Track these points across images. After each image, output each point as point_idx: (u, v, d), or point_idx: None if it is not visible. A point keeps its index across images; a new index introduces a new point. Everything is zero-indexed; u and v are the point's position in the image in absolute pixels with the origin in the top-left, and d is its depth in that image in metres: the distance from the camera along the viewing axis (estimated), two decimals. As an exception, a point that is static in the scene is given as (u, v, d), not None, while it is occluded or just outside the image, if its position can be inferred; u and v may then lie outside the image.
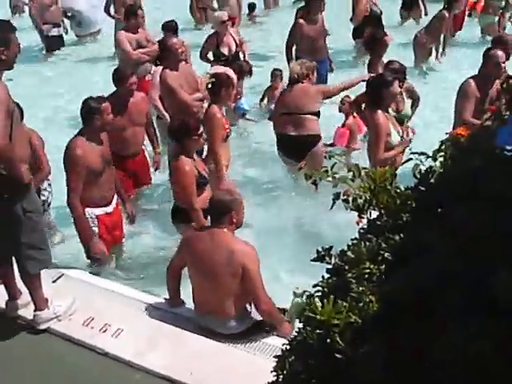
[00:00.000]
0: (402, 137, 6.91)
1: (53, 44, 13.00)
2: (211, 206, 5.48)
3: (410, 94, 7.88)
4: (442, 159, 2.77)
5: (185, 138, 6.25)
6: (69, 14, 13.30)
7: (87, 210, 6.33)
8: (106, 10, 12.57)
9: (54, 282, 6.10)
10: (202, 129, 6.37)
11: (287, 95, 7.90)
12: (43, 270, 5.53)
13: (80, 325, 5.56)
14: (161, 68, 7.89)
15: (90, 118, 6.26)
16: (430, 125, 9.09)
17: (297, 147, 7.64)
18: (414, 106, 7.99)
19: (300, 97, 7.75)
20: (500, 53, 7.01)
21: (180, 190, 6.32)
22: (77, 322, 5.59)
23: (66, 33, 13.35)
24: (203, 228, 5.71)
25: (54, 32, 12.91)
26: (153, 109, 8.22)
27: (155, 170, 7.93)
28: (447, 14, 11.64)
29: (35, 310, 5.56)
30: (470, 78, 7.18)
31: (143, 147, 7.75)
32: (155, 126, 8.05)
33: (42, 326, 5.57)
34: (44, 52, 13.18)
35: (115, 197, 6.68)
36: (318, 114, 7.84)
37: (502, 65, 6.99)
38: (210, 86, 7.19)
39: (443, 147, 2.76)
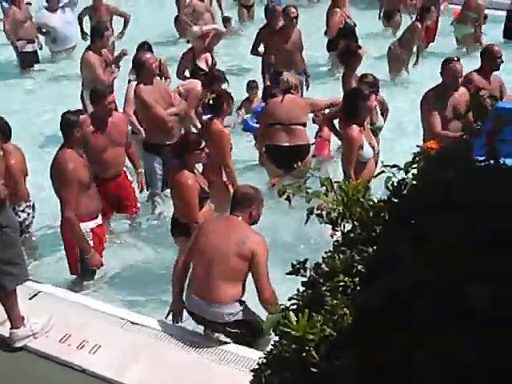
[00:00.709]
0: (374, 149, 6.98)
1: (27, 60, 12.91)
2: (235, 196, 5.67)
3: (381, 105, 7.94)
4: (414, 171, 2.81)
5: (185, 153, 6.27)
6: (43, 30, 13.23)
7: (81, 225, 6.35)
8: (79, 20, 12.62)
9: (30, 299, 6.07)
10: (203, 143, 6.39)
11: (277, 106, 7.92)
12: (19, 288, 5.50)
13: (57, 342, 5.54)
14: (135, 83, 7.88)
15: (70, 130, 6.27)
16: (404, 136, 9.16)
17: (289, 157, 7.58)
18: (384, 117, 8.06)
19: (291, 108, 7.84)
20: (458, 66, 7.11)
21: (183, 204, 6.31)
22: (53, 339, 5.57)
23: (41, 48, 13.27)
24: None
25: (29, 48, 12.82)
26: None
27: (140, 190, 7.78)
28: (419, 25, 11.73)
29: (11, 328, 5.53)
30: (429, 91, 7.23)
31: (124, 168, 7.57)
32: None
33: (19, 344, 5.54)
34: (19, 68, 13.11)
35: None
36: (305, 124, 7.96)
37: (459, 77, 7.11)
38: (211, 102, 7.32)
39: (415, 160, 2.79)
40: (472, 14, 13.43)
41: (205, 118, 8.17)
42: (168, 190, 7.85)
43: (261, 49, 10.60)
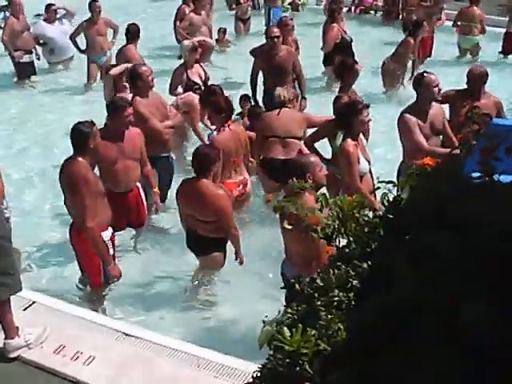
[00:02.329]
0: (369, 163, 6.99)
1: (24, 70, 12.93)
2: (288, 169, 5.90)
3: None
4: (409, 187, 2.83)
5: (209, 166, 6.38)
6: (41, 41, 13.28)
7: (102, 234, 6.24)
8: (73, 39, 12.66)
9: (24, 309, 6.06)
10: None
11: (274, 119, 7.94)
12: (13, 298, 5.50)
13: (51, 353, 5.54)
14: (130, 95, 7.89)
15: (83, 141, 6.13)
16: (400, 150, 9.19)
17: (283, 170, 7.59)
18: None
19: (287, 121, 7.89)
20: (433, 77, 7.08)
21: (219, 215, 6.32)
22: (48, 350, 5.57)
23: (38, 59, 13.31)
24: None
25: (26, 59, 12.85)
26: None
27: (155, 211, 7.67)
28: (411, 40, 11.81)
29: (5, 338, 5.53)
30: (404, 111, 7.11)
31: (138, 185, 7.33)
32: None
33: (13, 355, 5.54)
34: (16, 79, 13.14)
35: None
36: (301, 139, 7.94)
37: (435, 88, 7.04)
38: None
39: (411, 176, 2.82)
40: (474, 24, 13.71)
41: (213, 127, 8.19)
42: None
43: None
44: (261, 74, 10.04)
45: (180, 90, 9.63)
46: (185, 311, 6.55)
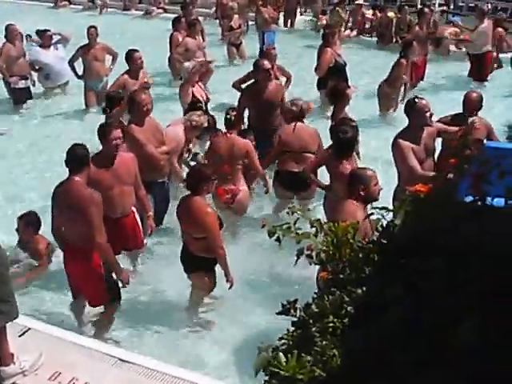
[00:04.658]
0: None
1: (20, 96, 12.96)
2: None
3: None
4: (403, 213, 2.85)
5: (200, 184, 6.45)
6: (36, 67, 13.34)
7: None
8: (71, 64, 12.72)
9: (20, 336, 6.04)
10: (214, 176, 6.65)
11: (290, 135, 8.32)
12: (9, 325, 5.49)
13: (46, 380, 5.51)
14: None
15: (83, 162, 6.17)
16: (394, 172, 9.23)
17: (299, 182, 8.05)
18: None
19: (302, 136, 8.30)
20: (424, 102, 7.11)
21: (206, 231, 6.37)
22: (43, 377, 5.54)
23: (34, 85, 13.35)
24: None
25: (22, 84, 12.90)
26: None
27: (150, 234, 7.59)
28: (404, 62, 11.86)
29: (0, 365, 5.50)
30: (397, 137, 7.10)
31: (133, 209, 7.29)
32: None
33: (8, 382, 5.50)
34: (11, 104, 13.17)
35: None
36: (315, 153, 8.22)
37: (427, 113, 7.06)
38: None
39: (404, 203, 2.84)
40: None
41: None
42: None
43: None
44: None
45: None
46: (180, 337, 6.53)
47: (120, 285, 6.47)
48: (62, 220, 6.30)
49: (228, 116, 8.16)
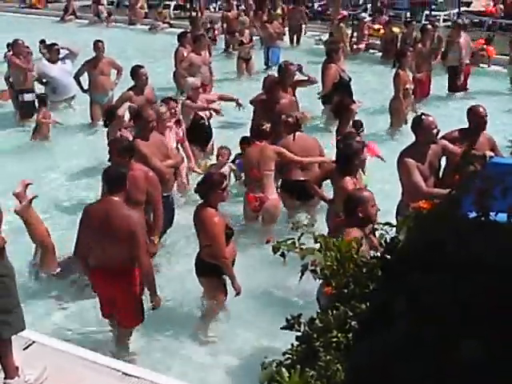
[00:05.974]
0: None
1: (27, 109, 13.03)
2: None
3: None
4: (406, 229, 2.87)
5: (210, 192, 6.47)
6: (44, 80, 13.40)
7: None
8: (77, 78, 12.81)
9: (24, 349, 6.05)
10: (225, 183, 6.68)
11: (291, 145, 8.46)
12: (14, 338, 5.50)
13: (51, 393, 5.52)
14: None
15: (122, 183, 6.20)
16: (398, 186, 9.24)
17: (305, 191, 8.06)
18: None
19: (304, 144, 8.50)
20: (431, 119, 7.13)
21: (210, 240, 6.42)
22: (47, 390, 5.55)
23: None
24: None
25: (28, 98, 12.97)
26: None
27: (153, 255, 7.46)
28: (401, 72, 11.88)
29: (5, 378, 5.50)
30: (403, 154, 7.11)
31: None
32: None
33: (13, 395, 5.52)
34: (17, 117, 13.22)
35: None
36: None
37: (434, 130, 7.09)
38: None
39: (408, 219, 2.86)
40: None
41: None
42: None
43: None
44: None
45: None
46: (185, 351, 6.52)
47: (149, 306, 6.41)
48: (99, 241, 6.12)
49: (263, 127, 8.34)
